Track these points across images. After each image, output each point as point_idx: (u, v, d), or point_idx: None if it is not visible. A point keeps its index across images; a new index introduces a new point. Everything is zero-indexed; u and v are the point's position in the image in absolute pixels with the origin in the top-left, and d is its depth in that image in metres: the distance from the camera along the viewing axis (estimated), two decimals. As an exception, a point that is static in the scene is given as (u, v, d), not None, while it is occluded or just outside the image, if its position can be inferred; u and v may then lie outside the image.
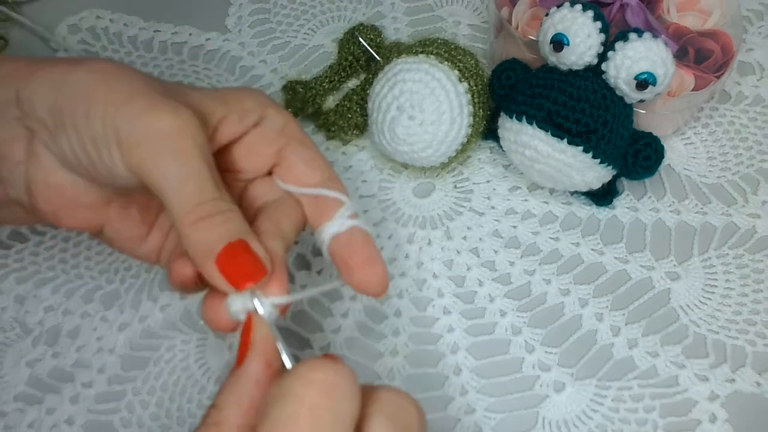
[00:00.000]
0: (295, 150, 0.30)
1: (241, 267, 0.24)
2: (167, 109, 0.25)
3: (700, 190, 0.39)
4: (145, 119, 0.25)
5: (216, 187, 0.25)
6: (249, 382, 0.23)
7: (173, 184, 0.25)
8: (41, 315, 0.37)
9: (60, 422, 0.34)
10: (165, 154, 0.25)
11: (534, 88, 0.35)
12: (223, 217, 0.25)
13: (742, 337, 0.34)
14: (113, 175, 0.26)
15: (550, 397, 0.33)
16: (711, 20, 0.39)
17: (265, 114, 0.29)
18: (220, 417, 0.23)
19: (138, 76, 0.27)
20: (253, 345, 0.24)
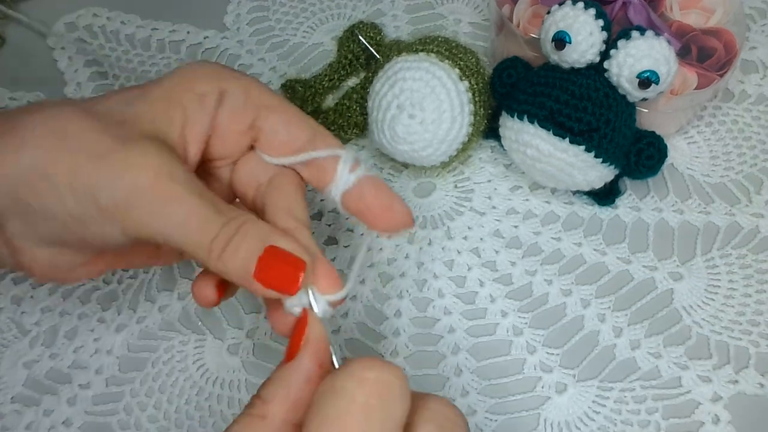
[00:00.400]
0: (268, 119, 0.27)
1: (280, 272, 0.24)
2: (135, 161, 0.24)
3: (704, 189, 0.39)
4: (121, 184, 0.24)
5: (218, 212, 0.24)
6: (300, 379, 0.23)
7: (178, 234, 0.24)
8: (38, 316, 0.37)
9: (57, 424, 0.34)
10: (156, 209, 0.24)
11: (535, 87, 0.35)
12: (239, 236, 0.24)
13: (746, 338, 0.34)
14: (111, 241, 0.25)
15: (552, 398, 0.33)
16: (714, 18, 0.39)
17: (223, 90, 0.27)
18: (266, 410, 0.22)
19: (87, 124, 0.24)
20: (307, 342, 0.23)
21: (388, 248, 0.38)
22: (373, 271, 0.37)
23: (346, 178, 0.27)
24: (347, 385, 0.20)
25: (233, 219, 0.24)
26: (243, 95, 0.27)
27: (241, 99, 0.27)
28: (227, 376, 0.35)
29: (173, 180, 0.24)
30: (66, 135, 0.24)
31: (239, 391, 0.34)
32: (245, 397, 0.34)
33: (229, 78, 0.27)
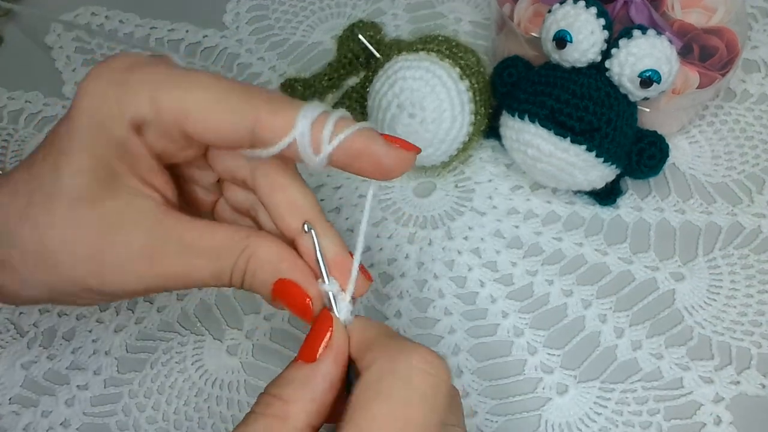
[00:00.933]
0: (191, 124, 0.23)
1: (294, 300, 0.25)
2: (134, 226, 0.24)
3: (705, 189, 0.39)
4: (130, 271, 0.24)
5: (221, 258, 0.25)
6: (326, 383, 0.22)
7: (194, 282, 0.25)
8: (36, 317, 0.37)
9: (55, 425, 0.34)
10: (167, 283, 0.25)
11: (536, 86, 0.35)
12: (250, 273, 0.25)
13: (748, 338, 0.34)
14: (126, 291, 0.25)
15: (553, 399, 0.33)
16: (716, 17, 0.39)
17: (133, 120, 0.24)
18: (288, 411, 0.22)
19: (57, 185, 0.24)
20: (332, 347, 0.23)
21: (388, 248, 0.38)
22: (373, 271, 0.37)
23: (315, 161, 0.24)
24: (412, 375, 0.21)
25: (239, 259, 0.24)
26: (152, 123, 0.24)
27: (154, 128, 0.24)
28: (226, 377, 0.35)
29: (178, 253, 0.24)
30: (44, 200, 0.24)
31: (238, 393, 0.34)
32: (244, 398, 0.34)
33: (130, 100, 0.24)
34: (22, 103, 0.45)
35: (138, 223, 0.24)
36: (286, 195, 0.26)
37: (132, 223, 0.24)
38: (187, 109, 0.23)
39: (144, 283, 0.24)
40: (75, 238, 0.24)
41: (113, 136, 0.24)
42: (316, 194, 0.40)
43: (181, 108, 0.23)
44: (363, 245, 0.25)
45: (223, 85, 0.24)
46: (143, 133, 0.24)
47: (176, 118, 0.23)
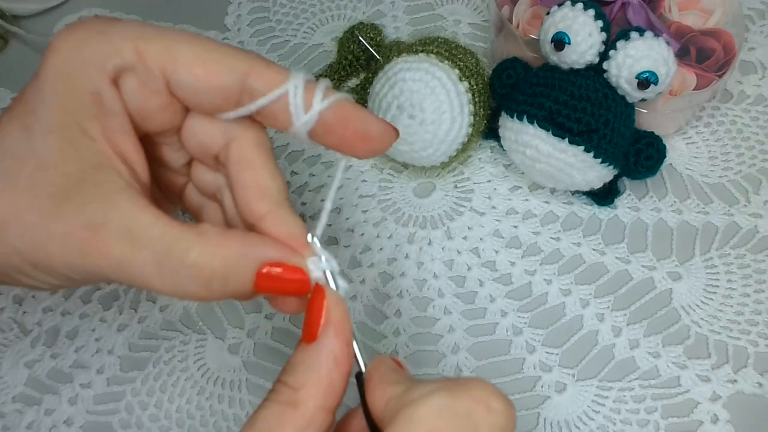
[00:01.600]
0: (178, 81, 0.22)
1: (284, 284, 0.23)
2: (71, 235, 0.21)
3: (702, 189, 0.39)
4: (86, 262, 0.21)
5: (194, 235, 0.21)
6: (330, 361, 0.21)
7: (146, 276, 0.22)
8: (40, 316, 0.37)
9: (59, 423, 0.34)
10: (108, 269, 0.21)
11: (535, 87, 0.35)
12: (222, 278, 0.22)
13: (744, 337, 0.34)
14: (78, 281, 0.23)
15: (552, 397, 0.33)
16: (712, 19, 0.39)
17: (112, 71, 0.22)
18: (297, 397, 0.21)
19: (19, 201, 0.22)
20: (330, 322, 0.22)
21: (388, 248, 0.38)
22: (373, 271, 0.37)
23: (303, 119, 0.23)
24: (474, 413, 0.19)
25: (194, 266, 0.21)
26: (136, 71, 0.22)
27: (137, 76, 0.22)
28: (228, 376, 0.35)
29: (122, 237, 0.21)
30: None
31: (240, 391, 0.34)
32: (246, 396, 0.34)
33: (110, 50, 0.22)
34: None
35: (94, 195, 0.22)
36: (255, 176, 0.24)
37: (88, 194, 0.22)
38: (175, 57, 0.22)
39: (86, 262, 0.21)
40: (29, 204, 0.22)
41: (85, 89, 0.22)
42: (316, 194, 0.40)
43: (169, 55, 0.22)
44: (326, 219, 0.24)
45: (212, 41, 0.23)
46: (121, 85, 0.22)
47: (163, 65, 0.22)
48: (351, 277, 0.37)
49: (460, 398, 0.19)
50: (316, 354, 0.22)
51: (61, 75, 0.22)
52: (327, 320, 0.22)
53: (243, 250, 0.22)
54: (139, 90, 0.23)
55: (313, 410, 0.21)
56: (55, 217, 0.21)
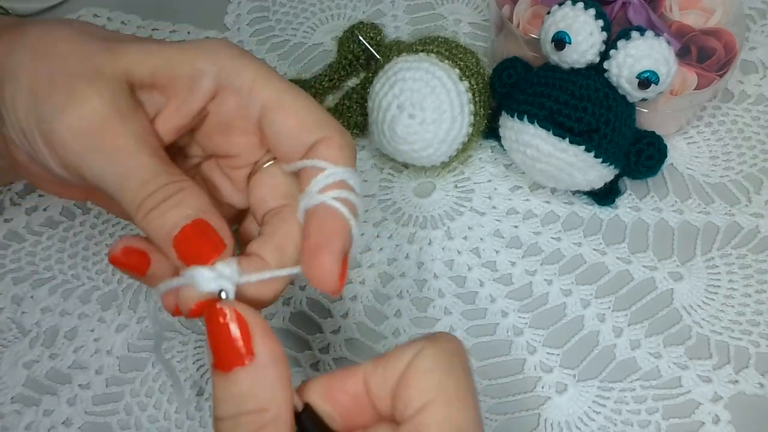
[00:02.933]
0: (275, 115, 0.24)
1: (198, 248, 0.22)
2: (87, 98, 0.23)
3: (703, 189, 0.39)
4: (64, 117, 0.23)
5: (162, 174, 0.23)
6: (280, 364, 0.21)
7: (114, 184, 0.23)
8: (38, 316, 0.37)
9: (57, 424, 0.34)
10: (95, 154, 0.23)
11: (535, 87, 0.35)
12: (175, 200, 0.23)
13: (746, 338, 0.34)
14: (53, 172, 0.24)
15: (552, 398, 0.33)
16: (713, 18, 0.39)
17: (223, 80, 0.24)
18: (278, 413, 0.20)
19: (73, 48, 0.24)
20: (254, 330, 0.21)
21: (388, 248, 0.38)
22: (373, 271, 0.37)
23: (312, 195, 0.24)
24: (454, 350, 0.22)
25: (174, 183, 0.23)
26: (242, 93, 0.24)
27: (240, 97, 0.24)
28: (227, 376, 0.35)
29: (121, 128, 0.23)
30: (47, 53, 0.24)
31: (239, 391, 0.34)
32: (245, 397, 0.34)
33: (233, 66, 0.24)
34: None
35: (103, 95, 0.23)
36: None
37: (99, 94, 0.23)
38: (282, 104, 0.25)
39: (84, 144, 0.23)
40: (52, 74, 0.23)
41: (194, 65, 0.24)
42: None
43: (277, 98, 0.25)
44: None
45: (312, 100, 0.25)
46: (223, 98, 0.25)
47: (266, 100, 0.24)
48: (351, 278, 0.37)
49: (444, 344, 0.22)
50: (263, 368, 0.21)
51: (198, 44, 0.24)
52: (256, 332, 0.21)
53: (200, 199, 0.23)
54: (235, 106, 0.25)
55: (287, 425, 0.21)
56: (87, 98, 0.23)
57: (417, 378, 0.21)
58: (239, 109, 0.25)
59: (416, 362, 0.21)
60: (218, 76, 0.24)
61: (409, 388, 0.21)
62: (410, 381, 0.21)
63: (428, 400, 0.21)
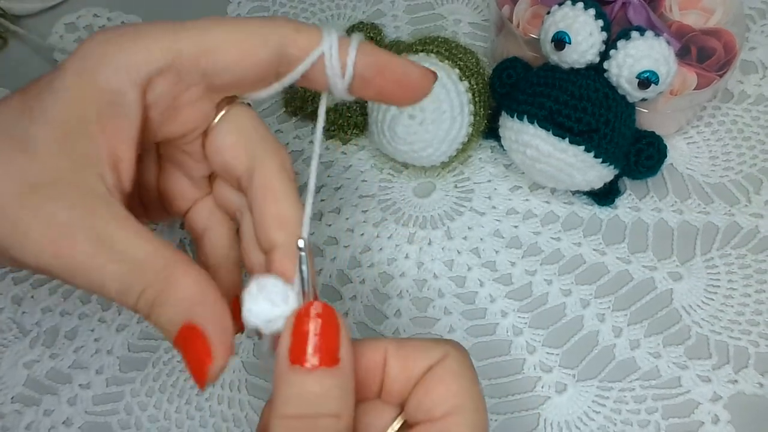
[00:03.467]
0: (214, 68, 0.23)
1: (194, 354, 0.21)
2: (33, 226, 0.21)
3: (703, 189, 0.39)
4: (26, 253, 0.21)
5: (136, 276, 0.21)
6: (351, 378, 0.21)
7: (103, 294, 0.21)
8: (39, 316, 0.37)
9: (58, 424, 0.34)
10: (70, 277, 0.21)
11: (535, 87, 0.35)
12: (160, 300, 0.21)
13: (745, 337, 0.34)
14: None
15: (552, 398, 0.33)
16: (713, 18, 0.39)
17: (142, 76, 0.22)
18: (348, 423, 0.20)
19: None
20: (344, 339, 0.21)
21: (388, 248, 0.38)
22: (373, 271, 0.37)
23: (341, 79, 0.23)
24: (463, 358, 0.22)
25: (152, 285, 0.21)
26: (170, 70, 0.22)
27: (171, 75, 0.23)
28: (228, 376, 0.35)
29: (77, 248, 0.21)
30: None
31: (239, 391, 0.34)
32: (245, 397, 0.34)
33: (141, 58, 0.22)
34: (24, 104, 0.45)
35: (69, 193, 0.21)
36: (276, 205, 0.24)
37: (64, 191, 0.21)
38: (208, 47, 0.23)
39: (42, 259, 0.21)
40: (9, 189, 0.21)
41: (105, 86, 0.22)
42: (316, 195, 0.40)
43: (203, 47, 0.23)
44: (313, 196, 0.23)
45: (242, 19, 0.23)
46: (151, 88, 0.22)
47: (197, 58, 0.23)
48: (351, 278, 0.37)
49: (464, 353, 0.22)
50: (345, 375, 0.20)
51: (83, 70, 0.22)
52: (345, 340, 0.21)
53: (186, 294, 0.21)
54: (172, 87, 0.23)
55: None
56: (32, 210, 0.21)
57: (447, 380, 0.21)
58: (174, 87, 0.23)
59: (446, 364, 0.22)
60: (138, 83, 0.22)
61: (439, 388, 0.21)
62: (440, 381, 0.21)
63: (459, 405, 0.21)
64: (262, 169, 0.24)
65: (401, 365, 0.22)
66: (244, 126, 0.25)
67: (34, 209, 0.21)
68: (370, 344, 0.22)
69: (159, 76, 0.22)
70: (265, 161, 0.24)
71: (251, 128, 0.25)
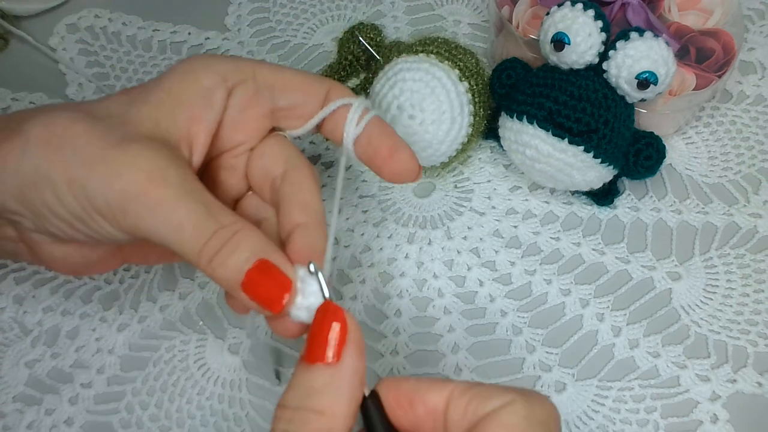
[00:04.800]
0: (284, 96, 0.28)
1: (267, 289, 0.23)
2: (128, 164, 0.24)
3: (702, 189, 0.39)
4: (113, 187, 0.24)
5: (212, 217, 0.24)
6: (355, 382, 0.22)
7: (171, 238, 0.24)
8: (40, 315, 0.37)
9: (59, 423, 0.34)
10: (148, 213, 0.24)
11: (535, 88, 0.35)
12: (231, 245, 0.23)
13: (744, 337, 0.34)
14: (114, 238, 0.25)
15: (551, 397, 0.33)
16: (712, 19, 0.39)
17: (229, 81, 0.27)
18: (331, 425, 0.21)
19: (84, 128, 0.25)
20: (351, 341, 0.22)
21: (388, 248, 0.38)
22: (373, 271, 0.38)
23: (354, 124, 0.28)
24: (549, 421, 0.21)
25: (227, 226, 0.24)
26: (252, 82, 0.27)
27: (251, 86, 0.27)
28: (228, 376, 0.35)
29: (166, 183, 0.24)
30: (62, 140, 0.24)
31: (240, 391, 0.34)
32: (246, 396, 0.34)
33: (233, 68, 0.27)
34: (26, 104, 0.45)
35: (163, 150, 0.25)
36: (303, 194, 0.27)
37: (159, 148, 0.24)
38: (282, 76, 0.28)
39: (135, 197, 0.24)
40: (109, 140, 0.24)
41: (201, 83, 0.26)
42: (317, 194, 0.41)
43: (278, 75, 0.28)
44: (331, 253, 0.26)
45: (302, 71, 0.29)
46: (233, 94, 0.27)
47: (273, 82, 0.28)
48: (351, 277, 0.37)
49: (537, 407, 0.21)
50: (343, 375, 0.21)
51: (182, 72, 0.27)
52: (349, 341, 0.22)
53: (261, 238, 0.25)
54: (249, 98, 0.27)
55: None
56: (127, 152, 0.24)
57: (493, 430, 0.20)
58: (247, 103, 0.28)
59: (501, 413, 0.21)
60: (225, 86, 0.27)
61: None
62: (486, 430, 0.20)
63: None
64: (296, 171, 0.28)
65: (462, 410, 0.21)
66: (283, 144, 0.29)
67: (130, 152, 0.24)
68: (434, 386, 0.22)
69: (242, 84, 0.27)
70: (299, 166, 0.28)
71: (289, 146, 0.29)
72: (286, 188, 0.27)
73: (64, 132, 0.25)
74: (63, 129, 0.25)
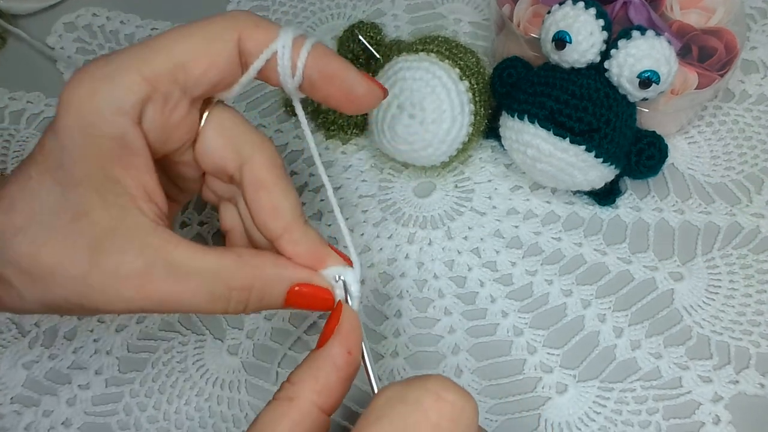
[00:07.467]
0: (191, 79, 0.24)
1: (313, 301, 0.26)
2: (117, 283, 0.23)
3: (704, 189, 0.39)
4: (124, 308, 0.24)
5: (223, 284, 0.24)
6: (328, 364, 0.24)
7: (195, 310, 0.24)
8: (38, 316, 0.37)
9: (57, 424, 0.34)
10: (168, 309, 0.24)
11: (536, 87, 0.35)
12: (254, 299, 0.25)
13: (746, 338, 0.34)
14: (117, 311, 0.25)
15: (553, 399, 0.33)
16: (714, 18, 0.39)
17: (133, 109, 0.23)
18: (294, 392, 0.23)
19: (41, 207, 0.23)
20: (338, 330, 0.24)
21: (388, 248, 0.38)
22: (374, 271, 0.37)
23: (290, 79, 0.25)
24: (423, 400, 0.20)
25: (241, 288, 0.24)
26: (157, 94, 0.24)
27: (158, 98, 0.24)
28: (227, 377, 0.35)
29: (168, 274, 0.23)
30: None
31: (239, 392, 0.34)
32: (245, 397, 0.34)
33: (123, 91, 0.23)
34: (23, 103, 0.45)
35: (129, 242, 0.23)
36: (269, 196, 0.26)
37: (123, 243, 0.23)
38: (179, 59, 0.24)
39: (133, 306, 0.23)
40: (67, 257, 0.23)
41: (107, 135, 0.23)
42: (316, 195, 0.40)
43: (173, 60, 0.24)
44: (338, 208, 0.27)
45: (202, 22, 0.25)
46: (142, 119, 0.24)
47: (172, 72, 0.24)
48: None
49: (411, 388, 0.21)
50: (317, 356, 0.24)
51: (79, 127, 0.23)
52: (337, 330, 0.24)
53: (277, 271, 0.25)
54: (161, 111, 0.24)
55: (308, 405, 0.22)
56: (94, 270, 0.23)
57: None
58: (163, 109, 0.24)
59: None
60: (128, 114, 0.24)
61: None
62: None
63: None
64: (251, 165, 0.26)
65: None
66: (228, 126, 0.26)
67: (96, 269, 0.23)
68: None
69: (147, 104, 0.24)
70: (253, 157, 0.26)
71: (235, 127, 0.26)
72: (249, 190, 0.26)
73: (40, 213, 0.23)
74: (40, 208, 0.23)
